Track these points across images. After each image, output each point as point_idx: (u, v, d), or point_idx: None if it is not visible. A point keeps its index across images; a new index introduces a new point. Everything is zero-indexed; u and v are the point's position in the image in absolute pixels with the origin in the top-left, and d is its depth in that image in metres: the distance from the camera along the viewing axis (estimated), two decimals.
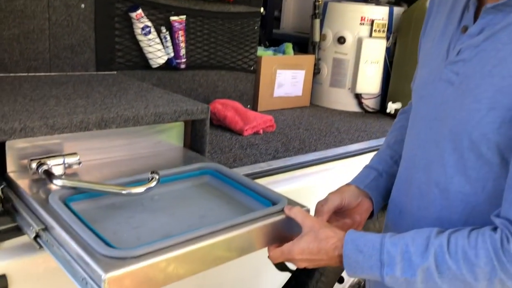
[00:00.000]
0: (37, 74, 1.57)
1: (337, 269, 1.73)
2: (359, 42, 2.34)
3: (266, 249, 0.97)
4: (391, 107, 2.33)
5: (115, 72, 1.74)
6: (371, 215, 1.07)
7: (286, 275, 1.58)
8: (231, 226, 0.89)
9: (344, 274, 1.80)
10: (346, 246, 0.81)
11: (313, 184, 1.53)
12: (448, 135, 0.80)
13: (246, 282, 1.52)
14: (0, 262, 0.96)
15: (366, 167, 1.11)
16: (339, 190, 1.04)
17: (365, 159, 1.72)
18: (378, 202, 1.06)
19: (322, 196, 1.03)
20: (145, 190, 0.97)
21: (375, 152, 1.75)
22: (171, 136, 1.34)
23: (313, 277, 1.70)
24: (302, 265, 0.88)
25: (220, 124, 1.91)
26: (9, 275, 0.97)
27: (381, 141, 1.90)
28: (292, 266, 1.55)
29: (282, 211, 0.96)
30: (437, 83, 0.85)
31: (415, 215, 0.89)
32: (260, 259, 1.50)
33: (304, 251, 0.85)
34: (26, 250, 0.99)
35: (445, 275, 0.73)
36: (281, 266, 1.30)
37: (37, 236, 0.89)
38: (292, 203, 1.01)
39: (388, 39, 2.38)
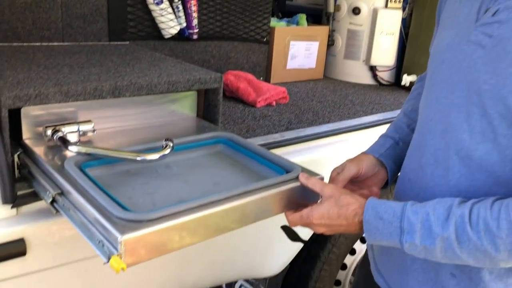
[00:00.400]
0: (50, 43, 1.57)
1: (349, 241, 1.73)
2: (374, 12, 2.29)
3: (278, 221, 0.97)
4: (406, 79, 2.29)
5: (128, 42, 1.73)
6: (386, 184, 1.06)
7: (298, 246, 1.59)
8: (245, 193, 0.89)
9: (356, 246, 1.81)
10: (366, 212, 0.81)
11: (327, 155, 1.52)
12: (476, 100, 0.77)
13: (257, 252, 1.53)
14: (18, 227, 0.98)
15: (383, 136, 1.09)
16: (357, 159, 1.03)
17: (379, 131, 1.71)
18: (392, 171, 1.05)
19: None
20: (159, 157, 0.98)
21: (389, 124, 1.75)
22: (184, 106, 1.33)
23: (325, 248, 1.71)
24: (320, 230, 0.88)
25: (232, 96, 1.90)
26: (27, 239, 0.99)
27: (395, 113, 1.88)
28: (305, 236, 1.56)
29: (296, 179, 0.96)
30: (464, 45, 0.80)
31: (428, 183, 0.86)
32: (272, 230, 1.52)
33: (323, 216, 0.85)
34: (44, 215, 1.01)
35: (465, 245, 0.72)
36: (294, 236, 1.31)
37: (53, 201, 0.91)
38: (305, 171, 1.01)
39: (404, 9, 2.33)
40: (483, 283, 0.82)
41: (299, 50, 2.27)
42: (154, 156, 0.97)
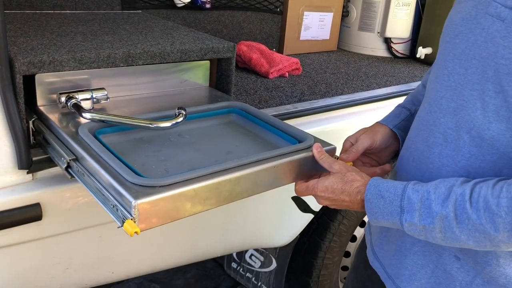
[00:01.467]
0: (63, 11, 1.56)
1: (359, 213, 1.74)
2: None
3: (289, 191, 0.97)
4: (421, 52, 2.25)
5: (140, 11, 1.71)
6: (396, 155, 1.05)
7: (308, 217, 1.60)
8: (258, 161, 0.89)
9: (366, 219, 1.81)
10: (368, 191, 0.80)
11: (339, 127, 1.51)
12: (492, 76, 0.73)
13: (268, 222, 1.55)
14: (34, 192, 1.00)
15: (399, 106, 1.07)
16: (372, 130, 1.01)
17: (393, 103, 1.69)
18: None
19: None
20: (172, 125, 0.98)
21: (404, 97, 1.72)
22: (197, 75, 1.33)
23: (335, 219, 1.72)
24: (323, 203, 0.88)
25: (245, 67, 1.89)
26: (43, 204, 1.00)
27: (410, 86, 1.86)
28: (316, 207, 1.57)
29: (308, 148, 0.96)
30: (481, 18, 0.76)
31: (435, 164, 0.82)
32: (283, 201, 1.53)
33: (327, 189, 0.85)
34: (59, 180, 1.03)
35: (464, 224, 0.70)
36: (304, 207, 1.32)
37: (68, 166, 0.92)
38: (318, 141, 1.01)
39: None
40: (490, 267, 0.78)
41: (313, 21, 2.23)
42: (167, 123, 0.98)
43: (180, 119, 1.00)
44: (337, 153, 1.01)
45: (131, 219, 0.74)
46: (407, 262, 0.87)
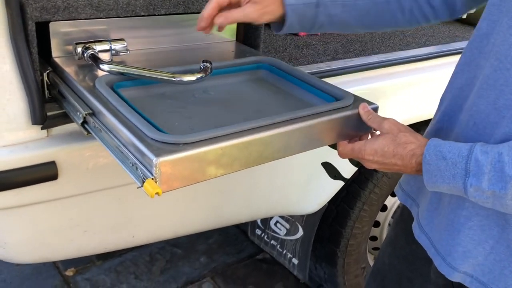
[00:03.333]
0: None
1: (392, 180, 1.64)
2: None
3: (318, 157, 0.88)
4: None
5: None
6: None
7: (338, 185, 1.51)
8: (292, 119, 0.80)
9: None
10: (427, 152, 0.71)
11: (376, 87, 1.40)
12: None
13: (295, 189, 1.47)
14: (49, 149, 0.93)
15: None
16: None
17: (434, 64, 1.57)
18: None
19: (385, 102, 0.90)
20: (197, 79, 0.89)
21: (445, 58, 1.59)
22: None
23: (366, 188, 1.63)
24: (372, 166, 0.80)
25: None
26: (58, 163, 0.94)
27: (450, 47, 1.71)
28: (347, 174, 1.48)
29: (348, 107, 0.86)
30: None
31: (504, 129, 0.70)
32: (312, 166, 1.44)
33: (377, 152, 0.76)
34: (76, 138, 0.96)
35: None
36: (335, 174, 1.22)
37: (84, 122, 0.84)
38: (358, 99, 0.91)
39: None
40: None
41: None
42: (192, 77, 0.89)
43: (206, 73, 0.91)
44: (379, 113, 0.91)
45: (152, 179, 0.66)
46: (460, 238, 0.77)
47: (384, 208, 1.78)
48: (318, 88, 0.96)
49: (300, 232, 1.66)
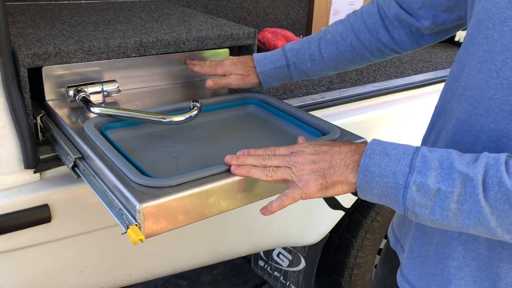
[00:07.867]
0: (78, 1, 1.50)
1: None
2: None
3: None
4: (461, 35, 2.10)
5: None
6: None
7: (339, 214, 1.50)
8: None
9: None
10: (370, 146, 0.65)
11: (371, 117, 1.40)
12: None
13: (296, 220, 1.45)
14: (42, 192, 0.94)
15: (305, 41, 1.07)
16: (246, 76, 1.08)
17: (430, 91, 1.57)
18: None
19: (380, 131, 0.90)
20: (185, 119, 0.90)
21: (441, 84, 1.58)
22: None
23: (368, 216, 1.62)
24: (304, 167, 0.71)
25: None
26: (51, 206, 0.94)
27: (447, 72, 1.71)
28: (347, 204, 1.47)
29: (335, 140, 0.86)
30: None
31: None
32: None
33: (311, 143, 0.72)
34: (68, 180, 0.96)
35: (493, 192, 0.56)
36: (334, 204, 1.22)
37: (74, 165, 0.85)
38: (345, 133, 0.91)
39: None
40: None
41: (342, 5, 2.11)
42: (181, 117, 0.90)
43: (195, 112, 0.92)
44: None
45: (136, 225, 0.66)
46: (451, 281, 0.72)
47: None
48: (305, 122, 0.96)
49: (303, 263, 1.64)
